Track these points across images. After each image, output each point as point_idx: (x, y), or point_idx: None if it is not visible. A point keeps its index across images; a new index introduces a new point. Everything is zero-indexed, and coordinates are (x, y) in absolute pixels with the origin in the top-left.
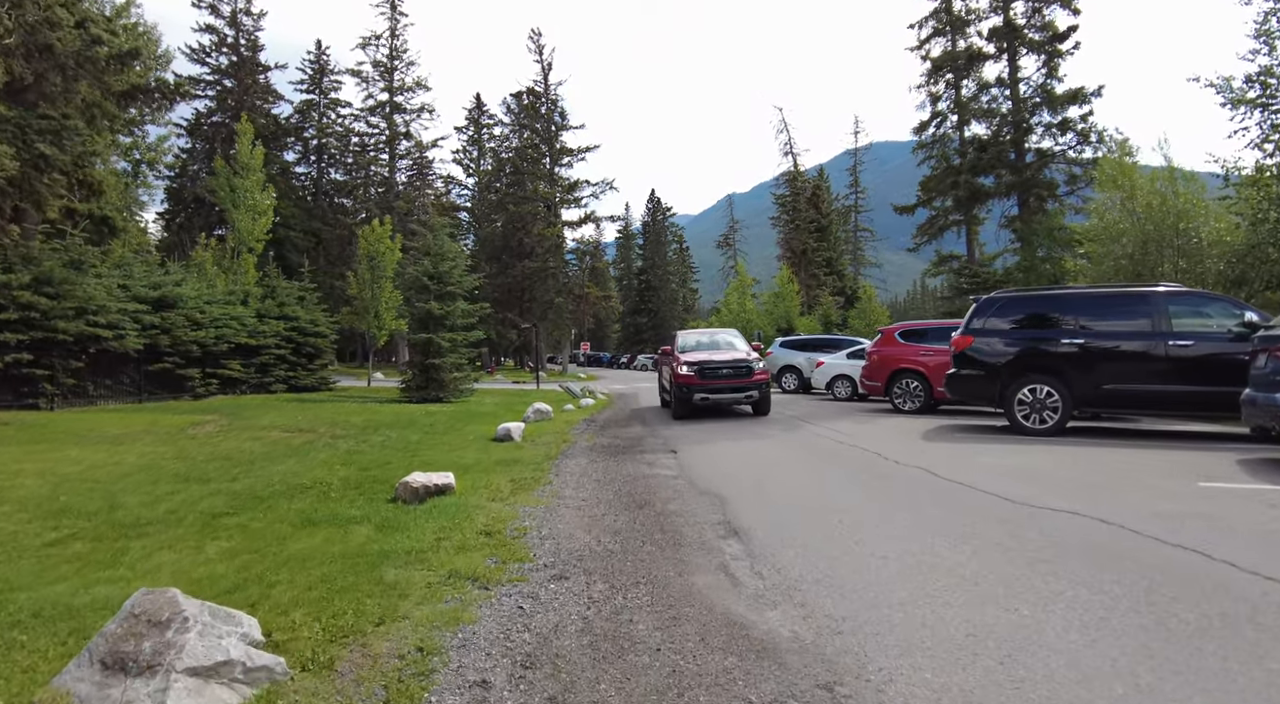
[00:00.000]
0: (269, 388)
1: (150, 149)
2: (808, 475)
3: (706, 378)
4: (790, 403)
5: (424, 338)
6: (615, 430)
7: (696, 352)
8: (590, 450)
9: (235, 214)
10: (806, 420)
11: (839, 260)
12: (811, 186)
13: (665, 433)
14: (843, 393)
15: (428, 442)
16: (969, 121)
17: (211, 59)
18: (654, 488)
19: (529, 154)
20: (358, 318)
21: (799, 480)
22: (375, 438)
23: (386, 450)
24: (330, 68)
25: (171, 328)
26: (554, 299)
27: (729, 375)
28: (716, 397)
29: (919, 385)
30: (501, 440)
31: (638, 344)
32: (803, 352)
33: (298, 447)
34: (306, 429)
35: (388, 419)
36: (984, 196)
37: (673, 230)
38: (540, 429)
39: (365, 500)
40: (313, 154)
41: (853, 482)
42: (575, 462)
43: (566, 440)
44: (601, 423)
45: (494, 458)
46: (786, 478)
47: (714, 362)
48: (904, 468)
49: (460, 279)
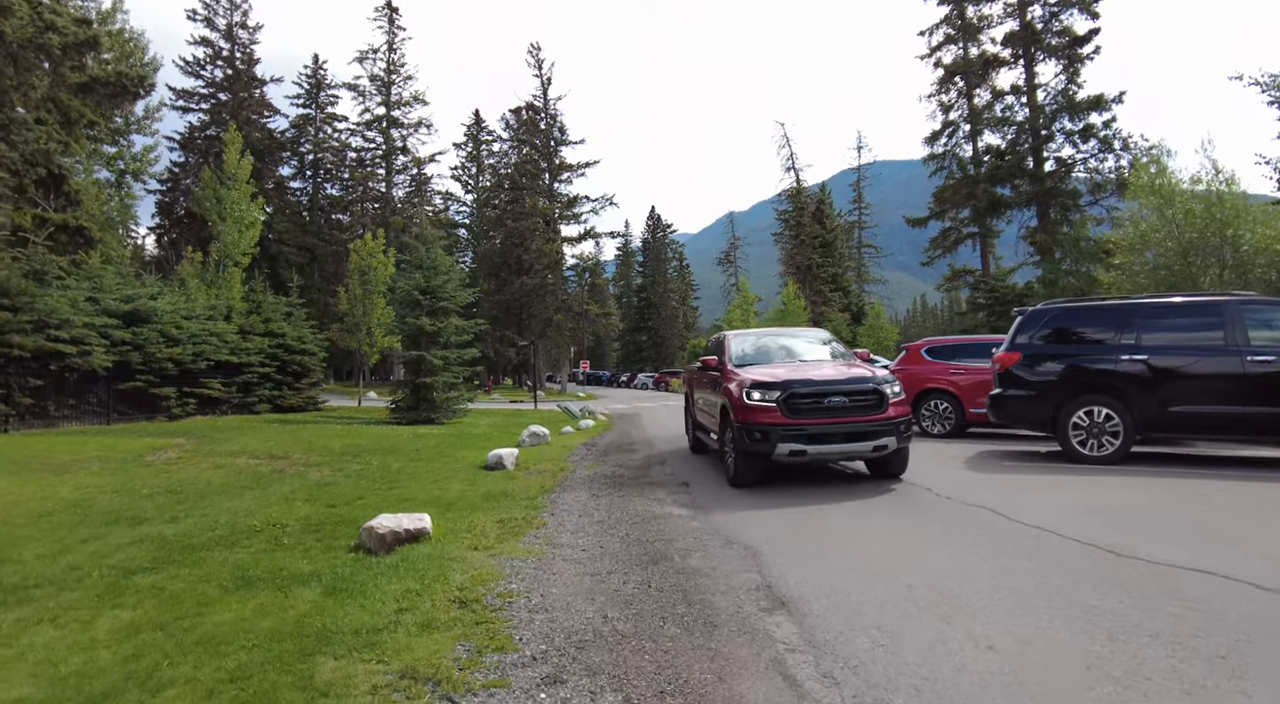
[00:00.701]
0: (252, 408)
1: (136, 159)
2: (850, 517)
3: (802, 412)
4: None
5: (415, 356)
6: (618, 457)
7: (770, 365)
8: (590, 482)
9: (221, 226)
10: None
11: (844, 277)
12: (815, 202)
13: (673, 461)
14: None
15: (410, 470)
16: (982, 131)
17: (206, 72)
18: (668, 534)
19: (528, 169)
20: (348, 335)
21: (842, 525)
22: (353, 466)
23: (362, 482)
24: (327, 82)
25: (144, 344)
26: (553, 316)
27: (844, 408)
28: (822, 449)
29: (949, 407)
30: (492, 469)
31: (637, 362)
32: None
33: (264, 476)
34: (279, 455)
35: (371, 443)
36: (1004, 206)
37: (673, 247)
38: (536, 455)
39: (322, 549)
40: (308, 169)
41: (907, 524)
42: (574, 496)
43: (564, 469)
44: (603, 448)
45: (482, 490)
46: (825, 522)
47: (814, 382)
48: (963, 507)
49: (454, 294)
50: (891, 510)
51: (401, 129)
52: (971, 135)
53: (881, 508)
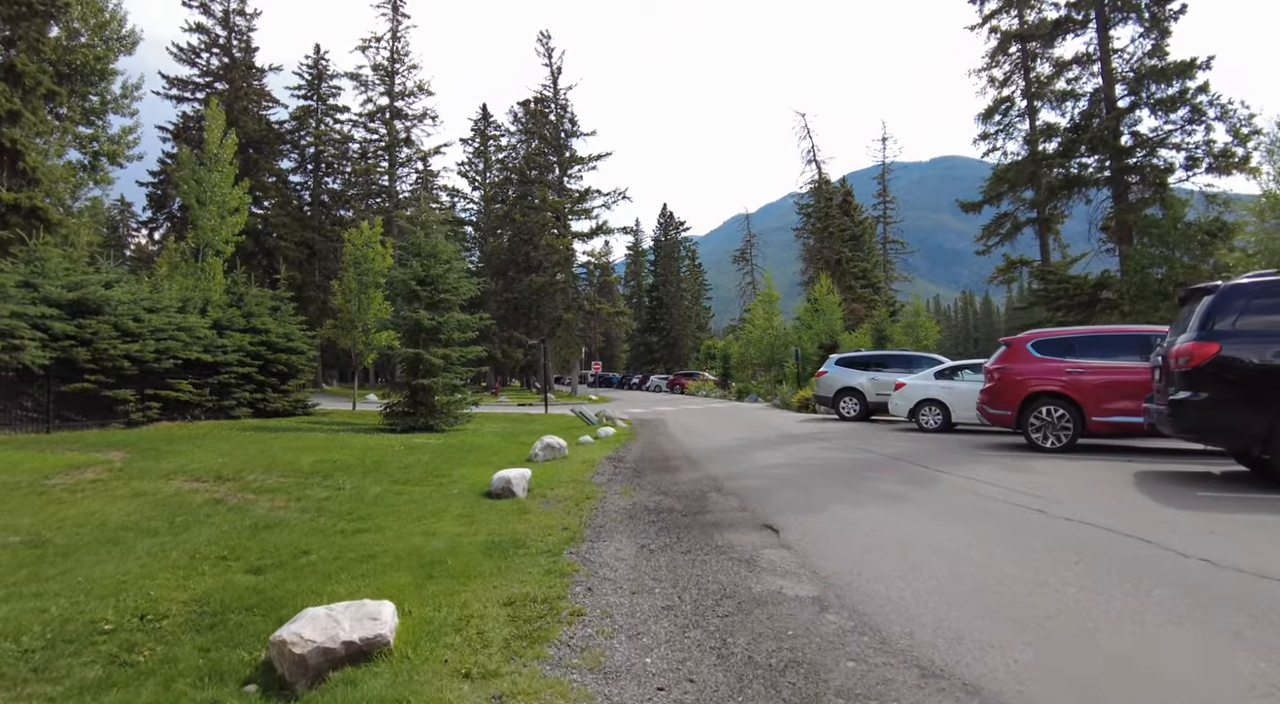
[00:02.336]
0: (230, 413)
1: (113, 141)
2: (1054, 595)
3: None
4: (866, 435)
5: (411, 353)
6: (656, 478)
7: None
8: (630, 519)
9: (199, 211)
10: (921, 462)
11: (873, 272)
12: (841, 193)
13: (732, 485)
14: (931, 422)
15: (391, 500)
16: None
17: (201, 60)
18: (791, 634)
19: (537, 161)
20: (342, 333)
21: (1042, 602)
22: (317, 492)
23: (321, 519)
24: (329, 73)
25: (94, 338)
26: (562, 315)
27: None
28: None
29: (1065, 414)
30: (498, 497)
31: (648, 364)
32: (865, 371)
33: (190, 511)
34: (228, 476)
35: (352, 458)
36: (1079, 184)
37: (686, 245)
38: (552, 475)
39: (192, 682)
40: (309, 162)
41: (1136, 600)
42: (614, 548)
43: (590, 497)
44: (633, 464)
45: (483, 536)
46: (1026, 599)
47: None
48: (1182, 560)
49: (456, 285)
50: (1101, 573)
51: (405, 121)
52: (1028, 112)
53: (1072, 565)
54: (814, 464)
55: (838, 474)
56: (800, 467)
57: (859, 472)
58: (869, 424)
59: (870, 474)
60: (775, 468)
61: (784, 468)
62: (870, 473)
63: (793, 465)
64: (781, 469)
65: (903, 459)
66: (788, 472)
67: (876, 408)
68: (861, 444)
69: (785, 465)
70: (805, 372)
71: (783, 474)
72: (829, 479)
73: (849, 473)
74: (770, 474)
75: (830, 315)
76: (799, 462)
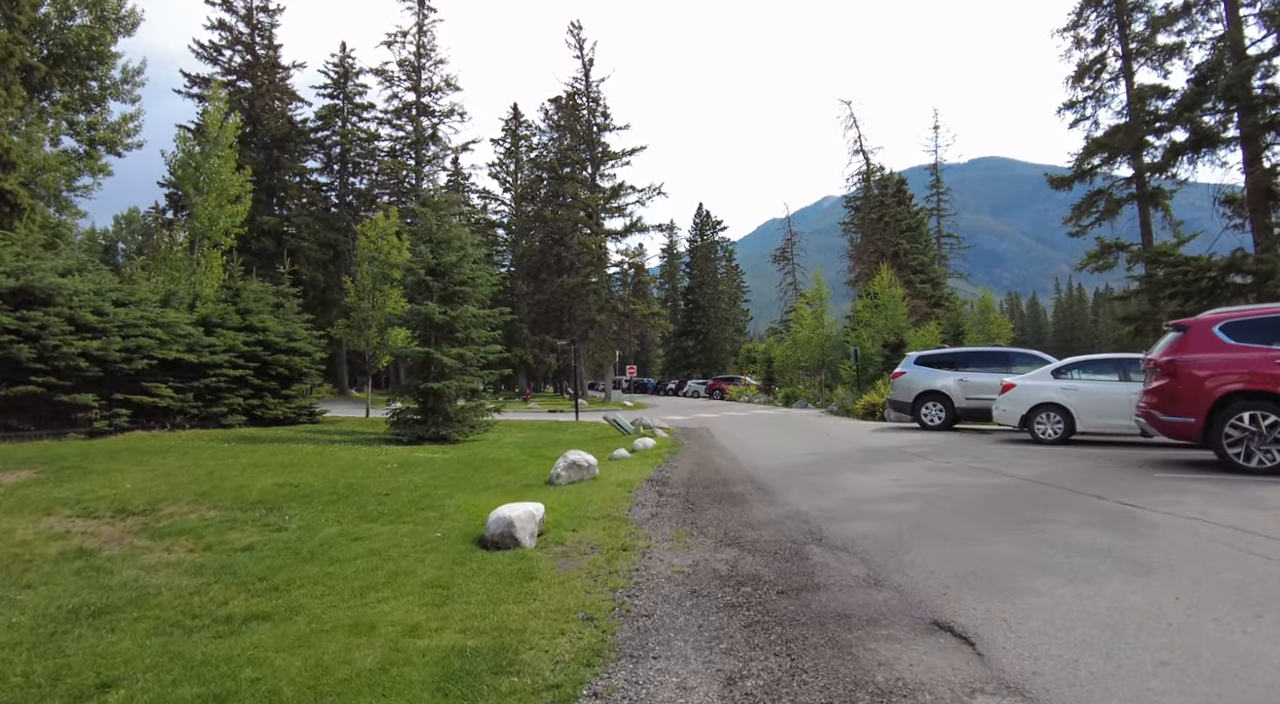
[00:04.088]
0: (221, 420)
1: (112, 128)
2: None
3: None
4: (971, 449)
5: (420, 353)
6: (718, 512)
7: None
8: (694, 600)
9: (196, 199)
10: (1090, 490)
11: (931, 266)
12: (895, 182)
13: (837, 531)
14: (1050, 432)
15: (338, 552)
16: (1139, 67)
17: (223, 58)
18: None
19: (569, 156)
20: (355, 333)
21: None
22: (241, 537)
23: (209, 592)
24: (355, 70)
25: (41, 334)
26: (595, 317)
27: None
28: None
29: None
30: (495, 546)
31: (685, 369)
32: (952, 370)
33: (25, 568)
34: (138, 509)
35: (322, 481)
36: (1210, 142)
37: (723, 246)
38: (576, 505)
39: None
40: (336, 162)
41: None
42: (672, 679)
43: (628, 546)
44: (682, 489)
45: (449, 638)
46: None
47: None
48: None
49: (472, 275)
50: None
51: (432, 117)
52: (1124, 74)
53: None
54: (938, 494)
55: (988, 512)
56: (922, 498)
57: (1017, 508)
58: (959, 434)
59: (1039, 513)
60: (887, 501)
61: (900, 501)
62: (1036, 510)
63: (911, 496)
64: (898, 504)
65: (1058, 485)
66: (909, 507)
67: (964, 414)
68: (977, 462)
69: (900, 497)
70: (866, 374)
71: (906, 512)
72: (981, 521)
73: (1003, 510)
74: (888, 512)
75: (894, 310)
76: (915, 490)
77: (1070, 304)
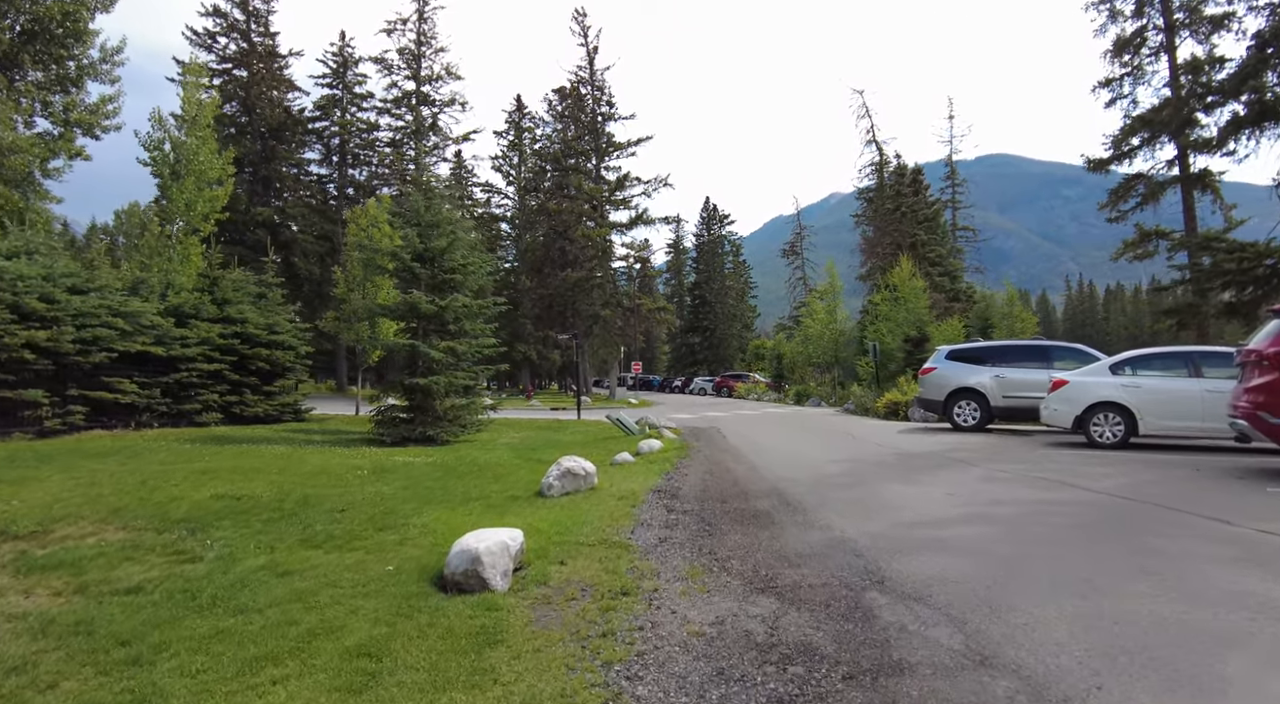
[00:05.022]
0: (195, 418)
1: (90, 110)
2: None
3: None
4: (1021, 453)
5: (406, 345)
6: (743, 538)
7: None
8: (726, 694)
9: (169, 182)
10: (1201, 511)
11: (949, 259)
12: (912, 172)
13: (904, 571)
14: (1109, 435)
15: (246, 597)
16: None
17: (218, 46)
18: None
19: (573, 147)
20: (345, 326)
21: None
22: (132, 573)
23: (21, 675)
24: (354, 59)
25: None
26: (599, 312)
27: None
28: None
29: None
30: (458, 588)
31: (691, 366)
32: (986, 366)
33: None
34: (23, 532)
35: (271, 493)
36: (1274, 116)
37: (730, 240)
38: (566, 526)
39: None
40: (335, 154)
41: None
42: None
43: (628, 589)
44: (695, 505)
45: None
46: None
47: None
48: None
49: (464, 262)
50: None
51: (432, 107)
52: (1167, 48)
53: None
54: (1012, 515)
55: (1090, 542)
56: (995, 521)
57: (1123, 536)
58: (998, 435)
59: (1156, 543)
60: (950, 524)
61: (967, 524)
62: (1148, 538)
63: (978, 518)
64: (966, 528)
65: (1156, 503)
66: (983, 533)
67: (1000, 414)
68: (1036, 470)
69: (964, 518)
70: (886, 370)
71: (981, 541)
72: (1088, 556)
73: (1107, 538)
74: (958, 541)
75: (915, 303)
76: (981, 509)
77: (1081, 301)
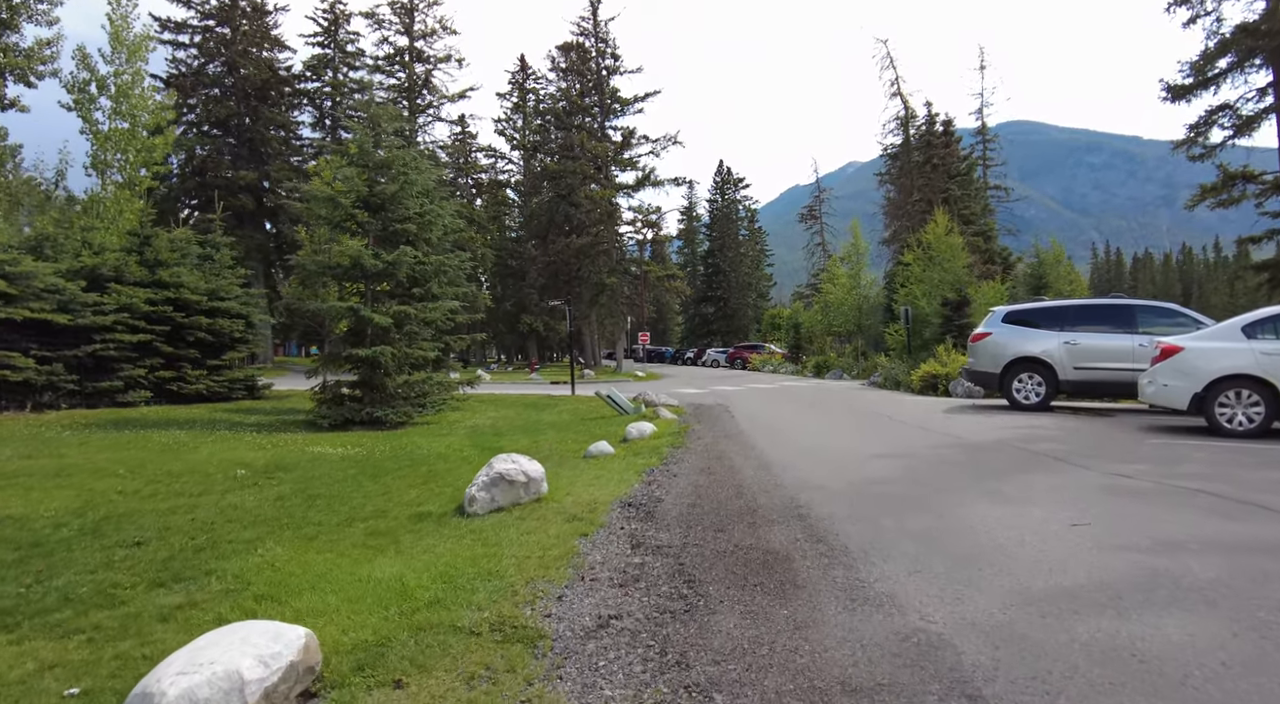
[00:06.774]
0: (117, 398)
1: (22, 53)
2: None
3: None
4: (1100, 441)
5: (345, 309)
6: (743, 619)
7: None
8: None
9: (93, 126)
10: None
11: (983, 218)
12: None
13: None
14: (1242, 420)
15: None
16: None
17: (197, 1)
18: None
19: (577, 103)
20: (308, 292)
21: None
22: None
23: None
24: (346, 15)
25: None
26: (605, 280)
27: None
28: None
29: None
30: None
31: (705, 337)
32: (1055, 329)
33: None
34: None
35: (74, 507)
36: None
37: (745, 206)
38: (453, 586)
39: None
40: (327, 117)
41: None
42: None
43: None
44: (678, 538)
45: None
46: None
47: None
48: None
49: (421, 211)
50: None
51: (426, 63)
52: None
53: None
54: (1229, 581)
55: None
56: (1209, 594)
57: None
58: (1072, 416)
59: None
60: (1116, 592)
61: (1147, 592)
62: None
63: (1174, 585)
64: (1172, 620)
65: None
66: (1191, 626)
67: (1071, 389)
68: (1168, 471)
69: (1146, 588)
70: (920, 338)
71: (1196, 644)
72: None
73: None
74: (1154, 645)
75: (953, 262)
76: (1163, 568)
77: (1108, 269)
